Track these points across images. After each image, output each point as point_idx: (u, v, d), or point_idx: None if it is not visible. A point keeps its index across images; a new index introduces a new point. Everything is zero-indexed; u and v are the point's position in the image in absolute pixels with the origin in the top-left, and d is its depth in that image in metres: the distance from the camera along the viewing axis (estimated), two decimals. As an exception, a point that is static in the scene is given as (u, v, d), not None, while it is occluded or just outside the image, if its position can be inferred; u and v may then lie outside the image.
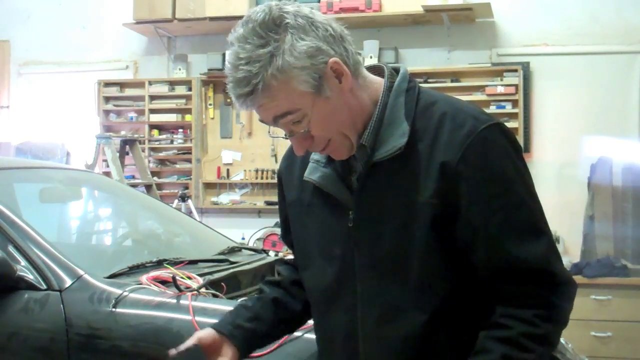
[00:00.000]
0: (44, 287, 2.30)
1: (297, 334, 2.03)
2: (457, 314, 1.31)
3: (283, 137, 1.33)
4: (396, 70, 1.38)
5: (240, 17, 1.28)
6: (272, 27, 1.23)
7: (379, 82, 1.36)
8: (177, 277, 2.31)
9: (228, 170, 6.14)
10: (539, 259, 1.25)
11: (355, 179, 1.36)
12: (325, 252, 1.40)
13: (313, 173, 1.41)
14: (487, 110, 4.93)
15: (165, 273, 2.38)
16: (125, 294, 2.25)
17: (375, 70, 1.40)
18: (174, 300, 2.22)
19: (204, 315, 2.13)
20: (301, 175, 1.45)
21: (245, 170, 6.09)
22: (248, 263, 2.78)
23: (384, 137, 1.32)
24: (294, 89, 1.24)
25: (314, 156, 1.41)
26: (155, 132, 6.22)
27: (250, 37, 1.23)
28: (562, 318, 1.26)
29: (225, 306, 2.21)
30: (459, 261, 1.29)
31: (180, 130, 6.19)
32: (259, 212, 6.02)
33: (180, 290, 2.26)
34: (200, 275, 2.44)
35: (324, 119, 1.28)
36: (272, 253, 3.25)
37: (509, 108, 5.42)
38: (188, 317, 2.12)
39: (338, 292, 1.39)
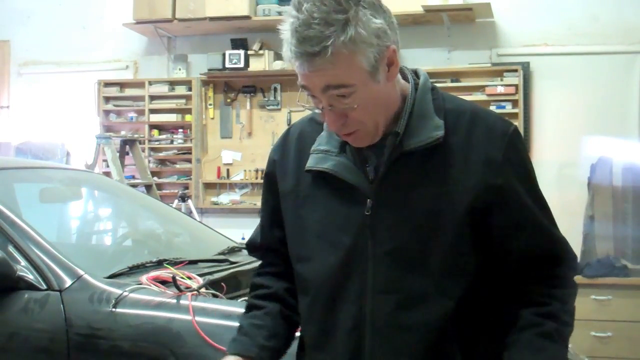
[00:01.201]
0: (44, 287, 2.31)
1: (296, 334, 2.03)
2: (477, 303, 1.35)
3: (317, 109, 1.33)
4: (414, 72, 1.44)
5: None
6: None
7: (403, 79, 1.41)
8: (177, 277, 2.31)
9: (228, 170, 6.14)
10: (567, 245, 1.40)
11: (373, 168, 1.36)
12: (329, 243, 1.38)
13: (322, 162, 1.39)
14: (487, 110, 4.93)
15: (165, 273, 2.39)
16: (125, 294, 2.25)
17: None
18: (174, 300, 2.22)
19: (204, 315, 2.13)
20: (296, 167, 1.44)
21: (245, 170, 6.08)
22: (248, 263, 2.77)
23: (414, 129, 1.35)
24: (357, 62, 1.25)
25: (320, 147, 1.41)
26: (155, 132, 6.22)
27: (327, 0, 1.23)
28: (575, 298, 1.41)
29: (225, 306, 2.22)
30: (483, 249, 1.34)
31: (180, 130, 6.18)
32: (259, 212, 6.00)
33: (180, 290, 2.26)
34: (200, 275, 2.44)
35: (369, 102, 1.29)
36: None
37: (509, 108, 5.41)
38: (188, 317, 2.12)
39: (344, 283, 1.37)
